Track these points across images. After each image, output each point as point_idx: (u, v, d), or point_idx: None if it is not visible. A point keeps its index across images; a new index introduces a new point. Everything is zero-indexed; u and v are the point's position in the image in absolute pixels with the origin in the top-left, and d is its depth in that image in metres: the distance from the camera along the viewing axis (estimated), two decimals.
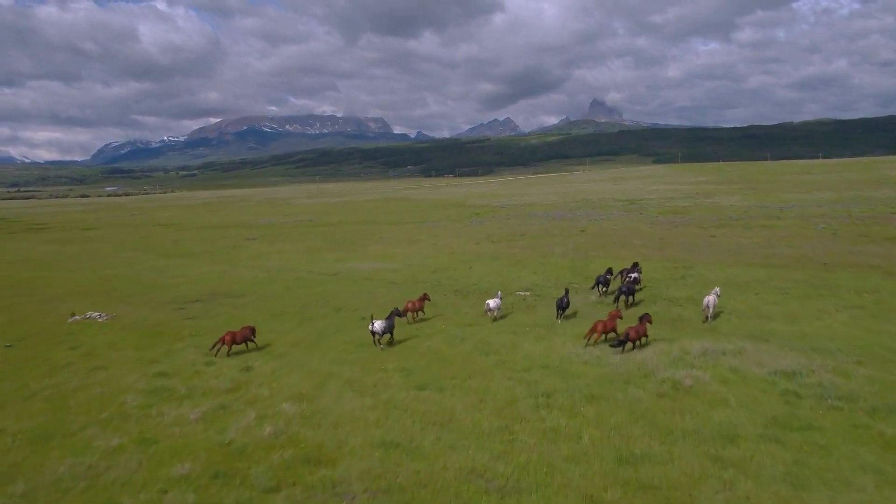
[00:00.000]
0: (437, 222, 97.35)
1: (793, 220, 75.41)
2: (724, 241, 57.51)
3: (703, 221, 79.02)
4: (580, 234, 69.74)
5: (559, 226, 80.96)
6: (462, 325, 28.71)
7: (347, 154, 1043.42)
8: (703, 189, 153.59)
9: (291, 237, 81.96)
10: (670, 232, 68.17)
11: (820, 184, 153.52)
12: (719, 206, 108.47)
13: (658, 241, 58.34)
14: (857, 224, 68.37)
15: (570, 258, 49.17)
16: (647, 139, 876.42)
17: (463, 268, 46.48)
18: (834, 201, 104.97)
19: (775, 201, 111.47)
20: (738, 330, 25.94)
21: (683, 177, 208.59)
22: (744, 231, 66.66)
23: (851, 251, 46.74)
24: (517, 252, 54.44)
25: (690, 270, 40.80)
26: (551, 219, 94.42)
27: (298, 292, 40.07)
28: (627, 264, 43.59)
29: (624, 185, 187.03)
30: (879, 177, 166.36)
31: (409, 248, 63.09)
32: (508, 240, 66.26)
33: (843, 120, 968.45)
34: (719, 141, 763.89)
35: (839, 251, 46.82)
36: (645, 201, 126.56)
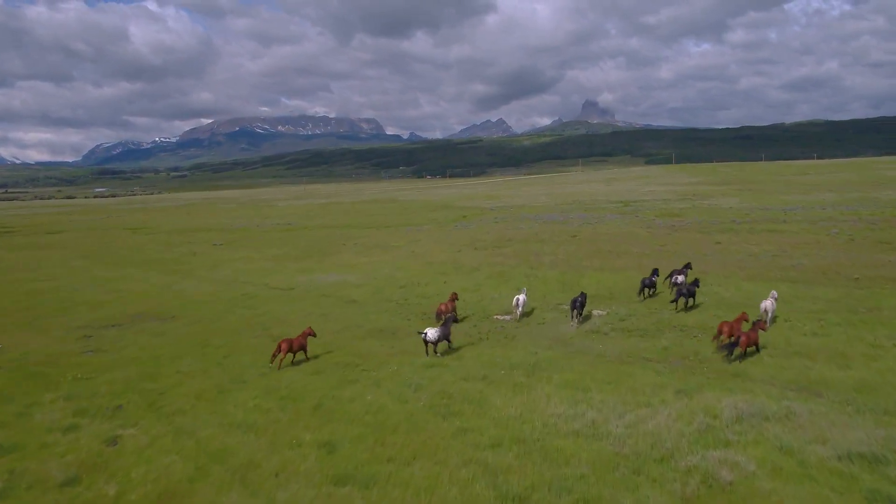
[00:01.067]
0: (420, 226, 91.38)
1: (800, 224, 69.76)
2: (732, 248, 51.74)
3: (703, 225, 73.26)
4: (571, 239, 63.85)
5: (549, 230, 75.02)
6: (421, 367, 22.64)
7: (340, 155, 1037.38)
8: (699, 190, 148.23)
9: (262, 243, 75.77)
10: (670, 237, 62.37)
11: (819, 185, 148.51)
12: (718, 208, 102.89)
13: (658, 249, 52.51)
14: (872, 229, 62.72)
15: (559, 270, 43.19)
16: (640, 140, 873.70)
17: (437, 282, 40.41)
18: (837, 203, 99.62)
19: (776, 203, 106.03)
20: (776, 375, 19.92)
21: (677, 178, 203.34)
22: (750, 237, 60.93)
23: (880, 262, 40.96)
24: (501, 262, 48.47)
25: (700, 287, 34.85)
26: (541, 222, 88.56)
27: (239, 314, 33.98)
28: (625, 277, 37.90)
29: (617, 187, 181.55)
30: (878, 177, 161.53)
31: (383, 255, 57.04)
32: (493, 246, 60.30)
33: (834, 121, 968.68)
34: (712, 142, 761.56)
35: (866, 262, 41.04)
36: (639, 203, 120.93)
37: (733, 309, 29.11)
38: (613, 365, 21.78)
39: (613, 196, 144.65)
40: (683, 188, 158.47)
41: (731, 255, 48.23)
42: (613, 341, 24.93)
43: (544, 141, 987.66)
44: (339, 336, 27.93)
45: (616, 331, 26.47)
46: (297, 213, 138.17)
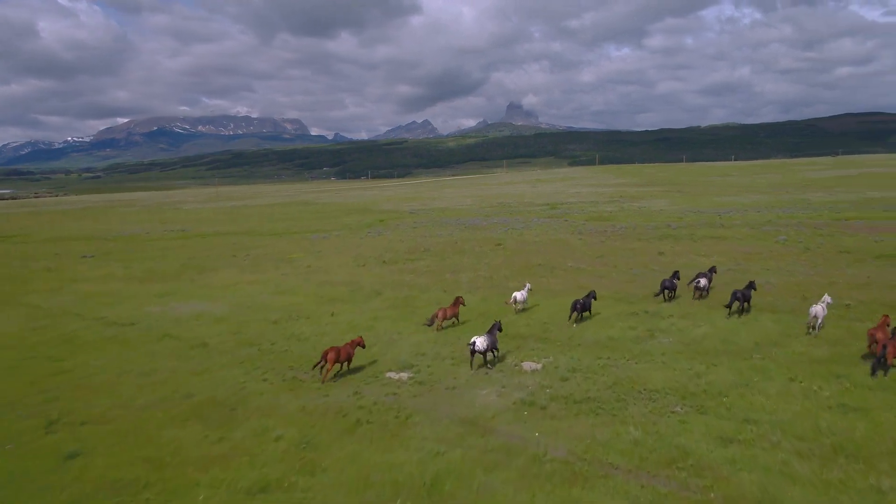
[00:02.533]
0: (329, 233, 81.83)
1: (741, 229, 63.91)
2: (679, 260, 44.57)
3: (639, 231, 66.55)
4: (496, 249, 55.76)
5: (472, 238, 66.88)
6: (251, 490, 13.61)
7: (262, 156, 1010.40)
8: (627, 192, 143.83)
9: (139, 255, 64.60)
10: (606, 246, 55.10)
11: (746, 186, 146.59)
12: (649, 210, 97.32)
13: (596, 262, 44.89)
14: (822, 235, 57.20)
15: (480, 294, 34.72)
16: (564, 142, 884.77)
17: (322, 314, 31.16)
18: (771, 205, 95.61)
19: (708, 205, 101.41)
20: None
21: (603, 179, 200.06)
22: (694, 244, 54.28)
23: (857, 279, 34.36)
24: (410, 282, 39.72)
25: (658, 318, 27.01)
26: (463, 227, 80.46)
27: (28, 370, 23.88)
28: (562, 304, 29.84)
29: (543, 188, 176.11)
30: (801, 179, 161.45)
31: (272, 272, 47.38)
32: (406, 259, 51.55)
33: (747, 124, 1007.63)
34: (633, 144, 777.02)
35: (841, 279, 34.35)
36: (567, 205, 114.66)
37: (697, 343, 21.40)
38: (561, 485, 13.30)
39: (540, 198, 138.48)
40: (610, 190, 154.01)
41: (680, 268, 41.01)
42: (557, 424, 16.47)
43: (469, 142, 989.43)
44: (146, 414, 18.51)
45: (559, 401, 18.03)
46: (198, 218, 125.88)
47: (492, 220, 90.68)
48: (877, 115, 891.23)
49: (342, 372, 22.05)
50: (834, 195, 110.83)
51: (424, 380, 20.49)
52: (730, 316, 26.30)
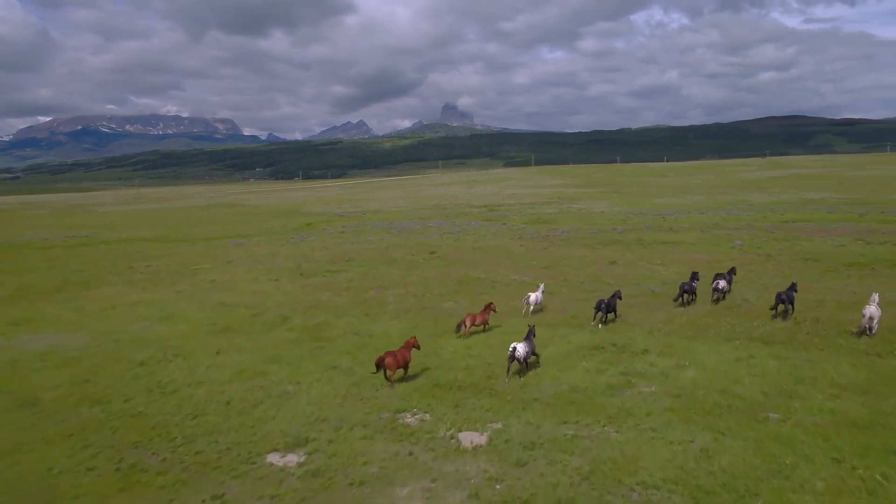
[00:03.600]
0: (249, 238, 74.41)
1: (692, 233, 59.86)
2: (635, 271, 39.52)
3: (584, 236, 61.77)
4: (430, 259, 49.81)
5: (403, 245, 60.78)
6: None
7: (192, 156, 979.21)
8: (565, 193, 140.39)
9: (16, 267, 55.70)
10: (552, 254, 49.84)
11: (683, 187, 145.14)
12: (590, 213, 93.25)
13: (543, 274, 39.35)
14: (777, 239, 53.45)
15: (407, 319, 28.48)
16: (499, 143, 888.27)
17: (206, 351, 24.22)
18: (713, 207, 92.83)
19: (650, 207, 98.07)
20: None
21: (540, 180, 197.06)
22: (645, 252, 49.56)
23: (842, 293, 29.81)
24: (326, 303, 33.23)
25: (630, 353, 21.35)
26: (395, 232, 74.26)
27: None
28: (504, 338, 24.05)
29: (480, 189, 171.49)
30: (736, 180, 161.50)
31: (165, 290, 40.01)
32: (326, 271, 45.02)
33: (676, 126, 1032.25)
34: (567, 145, 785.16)
35: (828, 295, 29.66)
36: (505, 208, 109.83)
37: (710, 412, 15.87)
38: None
39: (477, 200, 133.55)
40: (548, 191, 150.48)
41: (640, 281, 35.91)
42: None
43: (405, 143, 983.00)
44: None
45: None
46: (109, 223, 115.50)
47: (426, 223, 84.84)
48: (798, 118, 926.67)
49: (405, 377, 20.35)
50: (772, 196, 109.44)
51: (321, 467, 14.12)
52: (774, 318, 23.20)
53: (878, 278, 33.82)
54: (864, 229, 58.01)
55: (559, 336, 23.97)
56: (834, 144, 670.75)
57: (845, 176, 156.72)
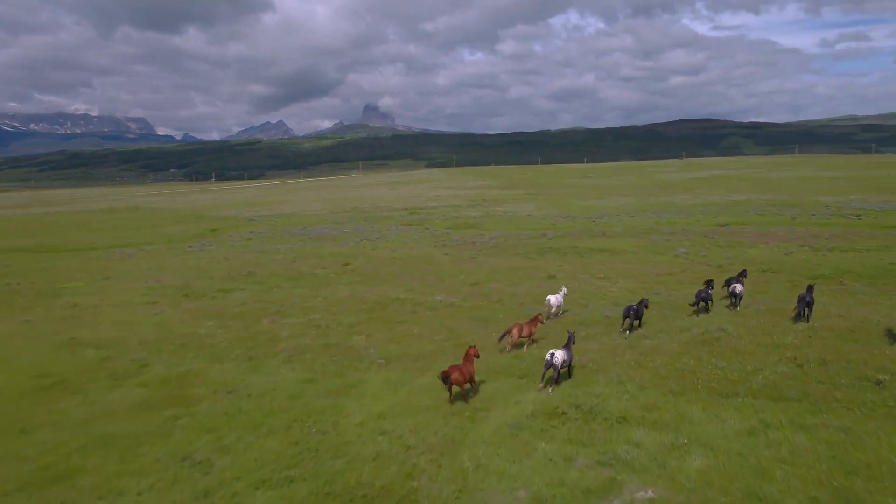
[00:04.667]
0: (141, 247, 65.97)
1: (627, 240, 55.59)
2: (579, 289, 34.11)
3: (514, 242, 56.59)
4: (342, 273, 43.33)
5: (315, 254, 54.07)
6: None
7: (102, 156, 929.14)
8: (489, 195, 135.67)
9: None
10: (481, 266, 44.23)
11: (607, 188, 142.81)
12: (517, 216, 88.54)
13: (473, 293, 33.59)
14: (720, 246, 49.71)
15: (306, 360, 21.92)
16: (420, 144, 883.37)
17: (10, 428, 17.25)
18: (642, 209, 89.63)
19: (578, 210, 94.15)
20: None
21: (463, 181, 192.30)
22: (583, 262, 44.65)
23: (828, 319, 25.18)
24: (204, 337, 26.22)
25: (606, 423, 15.58)
26: (308, 239, 67.38)
27: None
28: (426, 375, 18.09)
29: (402, 191, 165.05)
30: (658, 181, 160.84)
31: (4, 321, 32.13)
32: (217, 291, 37.89)
33: (593, 129, 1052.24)
34: (488, 146, 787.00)
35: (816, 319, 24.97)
36: (428, 210, 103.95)
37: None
38: None
39: (398, 202, 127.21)
40: (472, 192, 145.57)
41: (588, 301, 30.60)
42: None
43: (326, 144, 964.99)
44: None
45: None
46: None
47: (343, 229, 78.14)
48: (709, 121, 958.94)
49: None
50: (698, 197, 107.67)
51: None
52: None
53: (854, 295, 29.60)
54: (804, 234, 55.02)
55: (503, 394, 18.02)
56: (743, 146, 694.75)
57: (762, 177, 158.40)
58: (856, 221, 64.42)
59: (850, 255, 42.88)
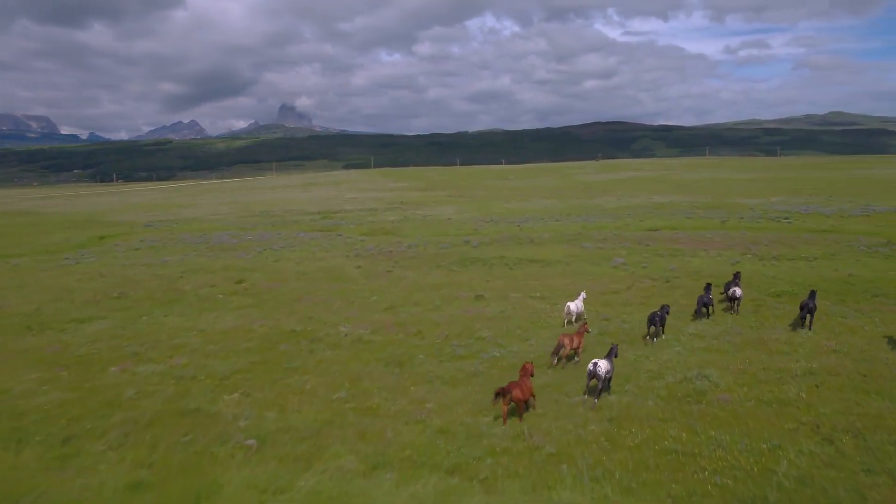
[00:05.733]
0: (7, 260, 56.94)
1: (558, 247, 50.92)
2: (514, 315, 28.57)
3: (434, 252, 50.97)
4: (233, 294, 36.40)
5: (206, 268, 46.86)
6: None
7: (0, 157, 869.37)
8: (408, 197, 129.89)
9: None
10: (396, 281, 38.29)
11: (529, 190, 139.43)
12: (437, 220, 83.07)
13: (386, 322, 27.50)
14: (659, 255, 45.48)
15: (148, 440, 15.41)
16: (338, 145, 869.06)
17: None
18: (567, 212, 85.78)
19: (501, 213, 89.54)
20: None
21: (381, 182, 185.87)
22: (513, 276, 39.34)
23: (820, 349, 20.61)
24: (14, 403, 19.01)
25: None
26: (204, 249, 59.83)
27: None
28: (338, 481, 11.89)
29: (316, 193, 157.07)
30: (579, 182, 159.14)
31: None
32: (70, 322, 30.31)
33: (511, 130, 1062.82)
34: (407, 147, 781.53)
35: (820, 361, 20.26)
36: (342, 214, 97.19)
37: None
38: None
39: (312, 205, 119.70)
40: (390, 194, 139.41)
41: (528, 333, 25.08)
42: None
43: (240, 144, 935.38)
44: None
45: None
46: None
47: (246, 235, 70.64)
48: (621, 123, 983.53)
49: None
50: (622, 200, 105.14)
51: None
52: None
53: (832, 318, 25.19)
54: (741, 240, 51.74)
55: (430, 496, 12.12)
56: (654, 149, 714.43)
57: (679, 178, 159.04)
58: (787, 225, 62.02)
59: (799, 264, 39.25)
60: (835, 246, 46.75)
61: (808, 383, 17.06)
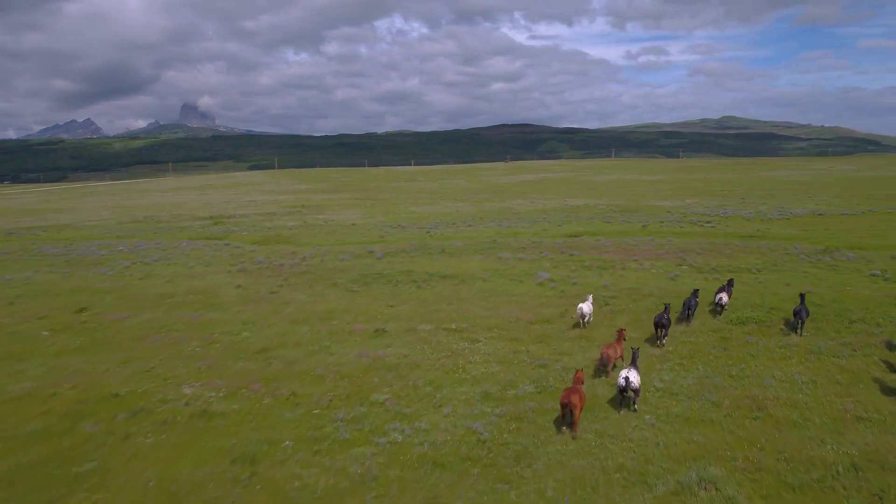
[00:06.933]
0: None
1: (473, 259, 44.93)
2: (425, 364, 21.95)
3: (332, 265, 43.97)
4: (62, 331, 28.08)
5: (49, 290, 38.26)
6: None
7: None
8: (311, 200, 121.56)
9: None
10: (277, 308, 31.06)
11: (438, 192, 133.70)
12: (339, 225, 75.74)
13: (246, 376, 20.29)
14: (587, 267, 40.11)
15: None
16: (243, 145, 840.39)
17: None
18: (481, 217, 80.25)
19: (409, 218, 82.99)
20: None
21: (284, 184, 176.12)
22: (424, 298, 32.89)
23: (830, 407, 15.16)
24: None
25: None
26: (62, 263, 50.60)
27: None
28: None
29: (213, 196, 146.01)
30: (490, 184, 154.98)
31: None
32: None
33: (419, 132, 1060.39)
34: (314, 148, 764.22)
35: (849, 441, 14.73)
36: (236, 220, 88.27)
37: None
38: None
39: (204, 209, 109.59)
40: (292, 197, 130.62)
41: (443, 398, 18.58)
42: None
43: (138, 144, 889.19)
44: None
45: None
46: None
47: (118, 245, 61.25)
48: (528, 126, 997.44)
49: None
50: (535, 203, 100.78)
51: None
52: None
53: (823, 358, 19.97)
54: (671, 248, 47.11)
55: None
56: (560, 151, 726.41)
57: (589, 180, 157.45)
58: (711, 230, 58.34)
59: (745, 279, 34.57)
60: (772, 254, 42.74)
61: (857, 486, 11.31)
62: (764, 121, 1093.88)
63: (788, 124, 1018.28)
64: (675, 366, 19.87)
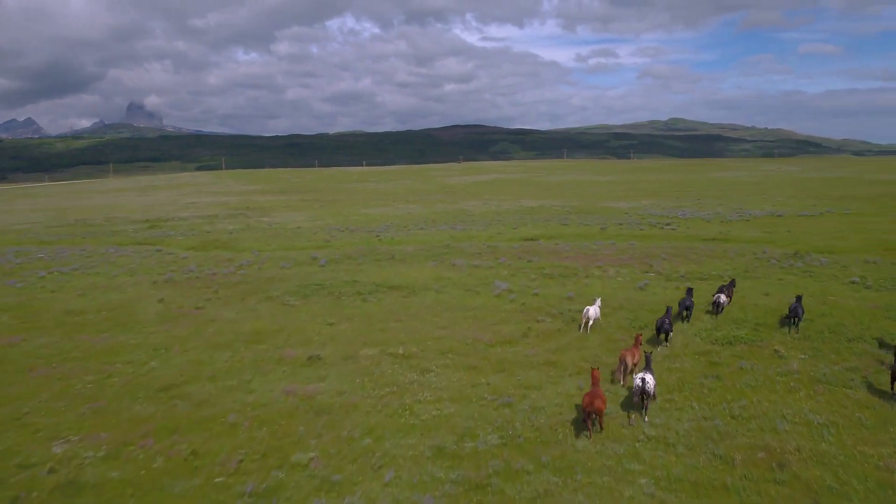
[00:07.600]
0: None
1: (426, 267, 41.46)
2: (368, 396, 18.40)
3: (270, 274, 39.91)
4: None
5: None
6: None
7: None
8: (256, 201, 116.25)
9: None
10: (200, 327, 26.94)
11: (390, 194, 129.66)
12: (284, 229, 71.29)
13: (142, 427, 16.29)
14: (552, 277, 36.97)
15: None
16: (191, 146, 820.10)
17: None
18: (433, 219, 76.74)
19: (358, 220, 78.91)
20: None
21: (231, 185, 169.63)
22: (368, 315, 29.22)
23: (869, 464, 12.10)
24: None
25: None
26: None
27: None
28: None
29: (155, 197, 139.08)
30: (443, 185, 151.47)
31: None
32: None
33: (372, 132, 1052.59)
34: (264, 149, 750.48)
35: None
36: (174, 223, 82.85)
37: None
38: None
39: (141, 212, 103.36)
40: (237, 199, 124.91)
41: (389, 458, 15.03)
42: None
43: (82, 144, 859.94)
44: None
45: None
46: None
47: (38, 253, 55.89)
48: (480, 127, 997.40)
49: None
50: (489, 204, 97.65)
51: None
52: None
53: (834, 389, 17.01)
54: (634, 253, 44.36)
55: None
56: (512, 152, 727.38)
57: (543, 181, 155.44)
58: (673, 233, 56.06)
59: (715, 286, 31.75)
60: (741, 260, 40.35)
61: None
62: (711, 123, 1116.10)
63: (734, 126, 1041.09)
64: (665, 402, 16.67)
